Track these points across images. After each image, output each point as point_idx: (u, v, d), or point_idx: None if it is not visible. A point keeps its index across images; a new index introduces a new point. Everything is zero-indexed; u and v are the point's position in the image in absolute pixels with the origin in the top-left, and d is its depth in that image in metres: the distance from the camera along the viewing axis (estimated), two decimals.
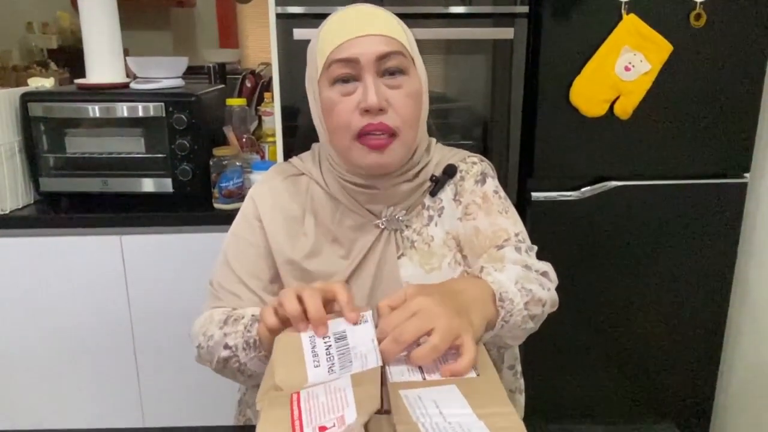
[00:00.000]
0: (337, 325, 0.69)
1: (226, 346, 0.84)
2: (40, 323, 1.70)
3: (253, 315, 0.85)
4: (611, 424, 0.85)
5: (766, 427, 1.64)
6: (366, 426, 0.52)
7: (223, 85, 1.99)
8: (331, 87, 0.86)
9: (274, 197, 0.97)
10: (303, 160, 1.01)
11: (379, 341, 0.64)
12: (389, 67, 0.84)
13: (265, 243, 0.95)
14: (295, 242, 0.94)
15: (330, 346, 0.64)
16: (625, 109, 1.52)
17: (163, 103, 1.63)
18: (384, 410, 0.56)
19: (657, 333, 1.70)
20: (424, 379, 0.61)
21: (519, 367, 1.04)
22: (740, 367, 1.74)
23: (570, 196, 1.60)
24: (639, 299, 1.68)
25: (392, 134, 0.86)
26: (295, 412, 0.54)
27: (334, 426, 0.51)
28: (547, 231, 0.95)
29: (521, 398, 1.05)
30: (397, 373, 0.62)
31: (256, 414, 0.60)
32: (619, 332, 1.70)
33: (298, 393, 0.57)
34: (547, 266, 0.89)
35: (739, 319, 1.72)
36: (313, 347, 0.64)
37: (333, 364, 0.61)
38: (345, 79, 0.84)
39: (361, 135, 0.85)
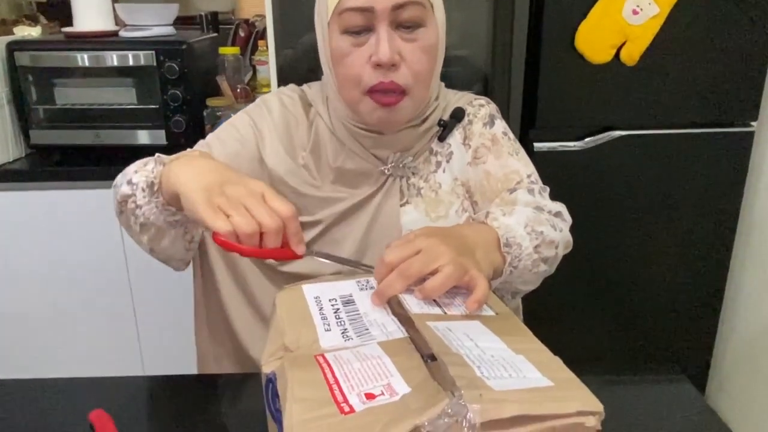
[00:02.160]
0: (342, 287, 0.66)
1: (130, 182, 0.76)
2: (36, 278, 1.69)
3: (158, 155, 0.77)
4: (613, 372, 0.84)
5: (764, 372, 1.65)
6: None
7: (215, 34, 1.93)
8: (341, 35, 0.81)
9: (285, 115, 0.92)
10: (312, 90, 0.96)
11: (382, 276, 0.62)
12: (405, 20, 0.79)
13: (253, 149, 0.90)
14: (294, 168, 0.90)
15: (338, 309, 0.62)
16: (631, 55, 1.47)
17: (153, 52, 1.58)
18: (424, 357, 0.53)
19: (660, 282, 1.69)
20: (444, 313, 0.59)
21: (520, 316, 1.03)
22: (741, 315, 1.74)
23: (573, 146, 1.57)
24: (642, 249, 1.66)
25: (402, 92, 0.82)
26: (329, 375, 0.50)
27: (383, 394, 0.47)
28: (549, 182, 0.92)
29: None
30: (415, 305, 0.59)
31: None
32: (622, 282, 1.69)
33: (323, 356, 0.53)
34: (560, 206, 0.87)
35: (742, 267, 1.71)
36: (321, 309, 0.62)
37: (346, 329, 0.58)
38: (357, 31, 0.79)
39: (372, 91, 0.81)
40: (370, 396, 0.47)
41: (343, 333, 0.57)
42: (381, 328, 0.58)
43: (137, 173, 0.76)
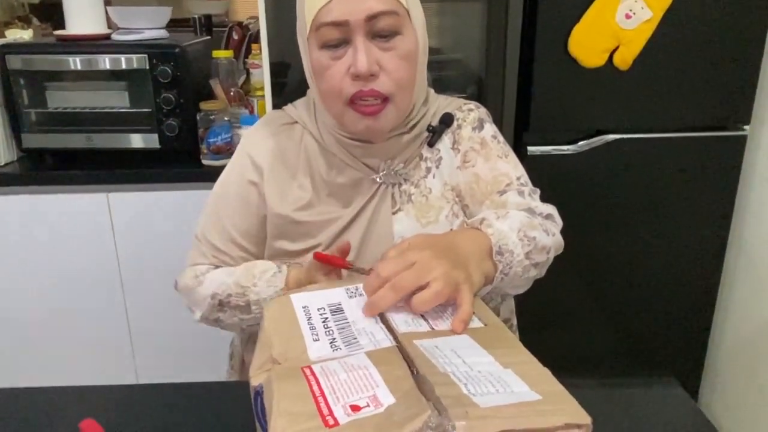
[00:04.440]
0: (331, 295, 0.66)
1: (251, 325, 0.89)
2: (28, 283, 1.68)
3: (255, 299, 0.86)
4: (606, 377, 0.84)
5: (756, 375, 1.66)
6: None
7: (209, 37, 1.92)
8: (320, 50, 0.81)
9: (268, 148, 0.93)
10: (297, 108, 0.97)
11: (374, 288, 0.62)
12: (381, 29, 0.79)
13: (257, 200, 0.92)
14: (288, 195, 0.91)
15: (327, 318, 0.61)
16: (624, 59, 1.47)
17: (146, 55, 1.57)
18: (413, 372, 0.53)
19: (653, 285, 1.70)
20: (432, 329, 0.59)
21: (514, 321, 1.03)
22: (733, 318, 1.74)
23: (566, 150, 1.57)
24: (635, 253, 1.66)
25: (385, 99, 0.82)
26: (315, 388, 0.49)
27: (368, 406, 0.47)
28: (543, 186, 0.92)
29: None
30: (402, 324, 0.59)
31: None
32: (614, 286, 1.70)
33: (310, 368, 0.52)
34: (551, 208, 0.87)
35: (734, 271, 1.72)
36: (309, 319, 0.61)
37: (334, 339, 0.57)
38: (335, 44, 0.80)
39: (353, 101, 0.81)
40: (355, 408, 0.47)
41: (331, 343, 0.57)
42: (369, 336, 0.58)
43: (244, 320, 0.88)
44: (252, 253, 0.94)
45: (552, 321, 1.70)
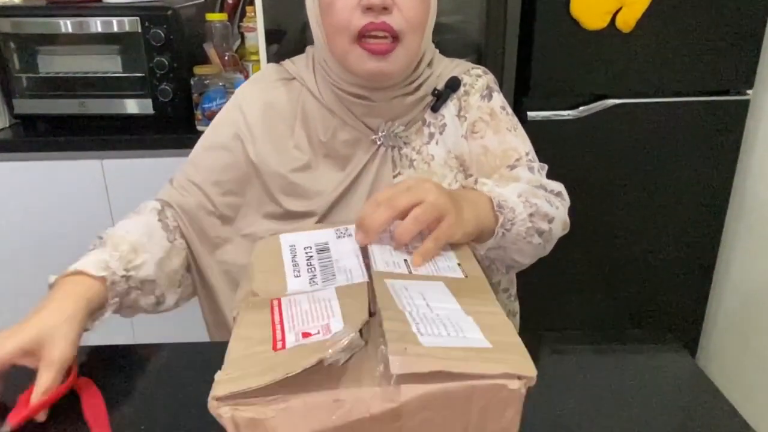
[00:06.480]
0: (319, 235, 0.67)
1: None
2: (22, 249, 1.67)
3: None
4: (607, 339, 0.83)
5: (753, 341, 1.66)
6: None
7: (202, 0, 1.88)
8: None
9: (264, 103, 0.90)
10: (296, 64, 0.93)
11: (368, 213, 0.62)
12: None
13: (242, 156, 0.89)
14: (284, 154, 0.88)
15: (311, 257, 0.62)
16: (627, 20, 1.44)
17: (138, 18, 1.54)
18: (372, 314, 0.53)
19: (653, 250, 1.69)
20: (410, 272, 0.59)
21: (513, 290, 1.02)
22: (732, 282, 1.75)
23: (567, 115, 1.55)
24: (636, 218, 1.66)
25: (395, 38, 0.78)
26: (276, 317, 0.52)
27: (318, 333, 0.48)
28: (543, 151, 0.91)
29: (515, 320, 1.04)
30: (382, 263, 0.59)
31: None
32: (615, 251, 1.69)
33: (279, 299, 0.55)
34: (560, 186, 0.85)
35: (735, 235, 1.71)
36: (294, 256, 0.63)
37: (315, 275, 0.59)
38: None
39: (362, 37, 0.77)
40: (306, 334, 0.49)
41: (311, 279, 0.59)
42: (347, 274, 0.59)
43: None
44: (212, 201, 0.89)
45: (552, 285, 1.70)
